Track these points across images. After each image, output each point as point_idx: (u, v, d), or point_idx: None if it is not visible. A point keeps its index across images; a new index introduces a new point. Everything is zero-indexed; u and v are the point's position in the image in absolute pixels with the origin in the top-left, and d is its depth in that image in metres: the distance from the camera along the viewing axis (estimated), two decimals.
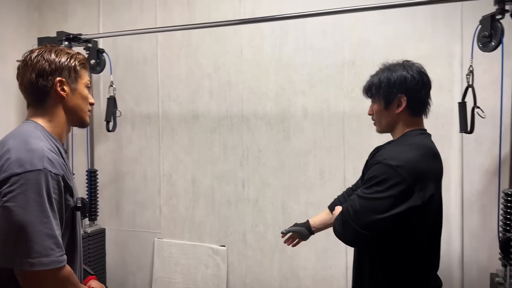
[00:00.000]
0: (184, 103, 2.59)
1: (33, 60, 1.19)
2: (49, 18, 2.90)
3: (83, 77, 1.27)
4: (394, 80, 1.40)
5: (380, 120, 1.47)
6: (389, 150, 1.37)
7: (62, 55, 1.22)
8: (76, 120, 1.28)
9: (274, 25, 2.36)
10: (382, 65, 1.50)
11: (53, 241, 1.03)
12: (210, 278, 2.54)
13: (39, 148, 1.08)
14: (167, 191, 2.66)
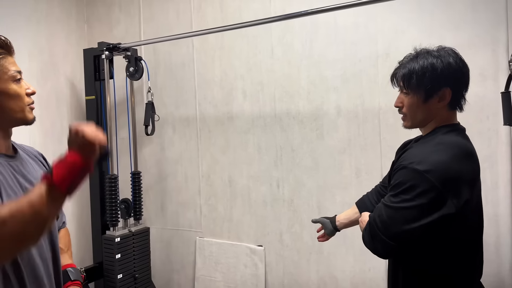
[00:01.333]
0: (219, 105, 2.63)
1: None
2: (97, 30, 3.10)
3: (3, 72, 1.05)
4: (441, 68, 1.22)
5: (415, 115, 1.29)
6: (416, 152, 1.24)
7: None
8: (14, 122, 1.10)
9: (305, 21, 2.32)
10: (413, 50, 1.33)
11: None
12: (248, 277, 2.56)
13: None
14: (206, 191, 2.73)
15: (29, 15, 2.65)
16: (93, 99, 2.67)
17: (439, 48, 1.28)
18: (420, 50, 1.30)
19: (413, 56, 1.30)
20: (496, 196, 1.90)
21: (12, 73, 1.06)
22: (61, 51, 2.89)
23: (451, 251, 1.22)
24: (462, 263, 1.25)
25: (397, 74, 1.33)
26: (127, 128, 2.80)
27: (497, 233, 1.91)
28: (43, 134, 2.67)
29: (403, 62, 1.32)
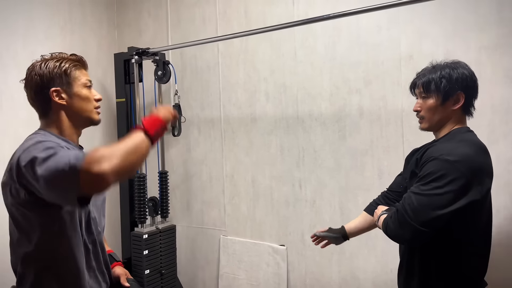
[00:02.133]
0: (243, 106, 2.69)
1: (28, 78, 1.26)
2: (126, 35, 3.23)
3: (78, 79, 1.28)
4: (456, 77, 1.41)
5: (432, 116, 1.46)
6: (443, 146, 1.37)
7: (50, 64, 1.25)
8: (84, 121, 1.32)
9: (327, 24, 2.35)
10: (430, 64, 1.51)
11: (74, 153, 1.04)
12: (271, 276, 2.60)
13: (49, 140, 1.15)
14: (230, 191, 2.80)
15: (63, 25, 2.80)
16: (123, 101, 2.79)
17: (453, 61, 1.47)
18: (437, 63, 1.48)
19: (431, 68, 1.48)
20: None
21: (84, 80, 1.30)
22: (94, 56, 3.03)
23: (470, 238, 1.35)
24: (476, 256, 1.38)
25: (416, 82, 1.50)
26: None
27: None
28: None
29: (422, 73, 1.50)
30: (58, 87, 1.25)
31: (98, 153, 0.98)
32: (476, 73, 1.96)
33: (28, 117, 2.51)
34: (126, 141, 1.09)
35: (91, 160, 0.97)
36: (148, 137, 1.13)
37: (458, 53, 2.00)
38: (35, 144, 1.13)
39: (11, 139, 2.45)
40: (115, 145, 1.06)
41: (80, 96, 1.28)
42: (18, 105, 2.49)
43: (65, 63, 1.27)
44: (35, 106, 1.29)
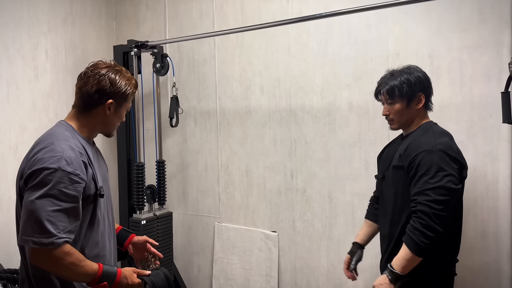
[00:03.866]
0: (238, 99, 2.80)
1: (100, 76, 1.36)
2: (125, 27, 3.30)
3: (128, 103, 1.45)
4: (414, 81, 1.65)
5: (401, 118, 1.70)
6: (424, 140, 1.58)
7: (123, 80, 1.39)
8: (105, 132, 1.48)
9: (320, 22, 2.45)
10: (387, 71, 1.76)
11: (52, 227, 1.21)
12: (263, 260, 2.74)
13: (60, 150, 1.27)
14: (224, 180, 2.92)
15: (65, 17, 2.88)
16: None
17: (408, 66, 1.71)
18: (393, 70, 1.72)
19: (389, 75, 1.71)
20: (496, 190, 2.02)
21: (129, 106, 1.48)
22: (92, 48, 3.11)
23: (450, 224, 1.54)
24: (454, 238, 1.63)
25: (381, 90, 1.72)
26: (152, 119, 3.01)
27: (497, 224, 2.03)
28: None
29: (383, 81, 1.72)
30: (114, 102, 1.39)
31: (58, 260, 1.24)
32: (457, 71, 2.11)
33: (32, 107, 2.62)
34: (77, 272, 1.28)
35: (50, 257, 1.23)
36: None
37: (442, 51, 2.12)
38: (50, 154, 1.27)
39: (16, 127, 2.54)
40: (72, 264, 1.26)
41: (120, 116, 1.45)
42: (23, 95, 2.58)
43: (131, 87, 1.42)
44: (82, 99, 1.38)
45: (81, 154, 1.32)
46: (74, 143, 1.33)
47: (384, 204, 1.77)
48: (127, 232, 1.66)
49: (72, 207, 1.26)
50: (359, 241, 1.96)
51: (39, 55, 2.67)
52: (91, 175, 1.34)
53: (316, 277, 2.59)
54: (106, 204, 1.47)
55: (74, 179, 1.26)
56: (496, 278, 2.04)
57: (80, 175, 1.28)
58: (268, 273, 2.72)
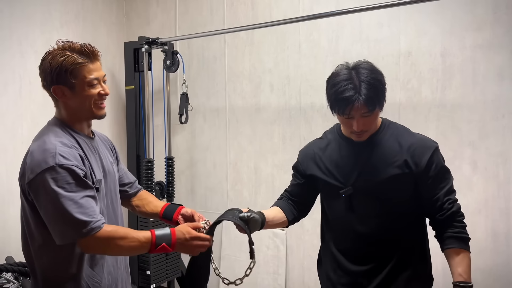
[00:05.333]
0: (248, 97, 2.80)
1: (40, 70, 1.30)
2: (135, 24, 3.32)
3: (81, 77, 1.26)
4: (382, 79, 1.34)
5: (373, 125, 1.38)
6: (420, 137, 1.42)
7: (56, 60, 1.25)
8: (87, 116, 1.34)
9: (331, 20, 2.44)
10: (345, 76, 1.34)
11: (84, 215, 1.20)
12: (270, 258, 2.74)
13: (52, 147, 1.23)
14: (233, 177, 2.92)
15: (77, 12, 2.90)
16: (132, 89, 2.90)
17: (355, 64, 1.37)
18: (347, 73, 1.33)
19: (348, 82, 1.30)
20: (508, 190, 2.00)
21: (89, 79, 1.29)
22: (103, 44, 3.13)
23: None
24: None
25: (353, 104, 1.28)
26: (162, 116, 3.02)
27: (508, 225, 2.01)
28: None
29: (349, 92, 1.29)
30: (60, 85, 1.27)
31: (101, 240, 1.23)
32: (470, 71, 2.09)
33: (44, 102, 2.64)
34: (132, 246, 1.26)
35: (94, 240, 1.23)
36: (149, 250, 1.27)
37: (454, 50, 2.10)
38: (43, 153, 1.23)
39: (29, 123, 2.57)
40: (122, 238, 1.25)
41: (81, 93, 1.29)
42: (35, 90, 2.60)
43: (70, 59, 1.25)
44: (49, 96, 1.34)
45: (75, 147, 1.28)
46: (65, 137, 1.29)
47: (361, 223, 1.42)
48: (175, 206, 1.59)
49: (87, 194, 1.24)
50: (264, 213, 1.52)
51: None
52: (88, 168, 1.30)
53: None
54: (109, 196, 1.42)
55: (75, 170, 1.23)
56: (507, 279, 2.03)
57: (79, 166, 1.25)
58: (276, 270, 2.72)
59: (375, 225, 1.40)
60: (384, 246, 1.41)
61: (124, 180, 1.60)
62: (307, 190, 1.58)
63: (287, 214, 1.58)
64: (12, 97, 2.53)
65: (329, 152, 1.49)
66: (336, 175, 1.44)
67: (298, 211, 1.62)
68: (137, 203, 1.63)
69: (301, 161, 1.59)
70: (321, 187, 1.52)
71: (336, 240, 1.52)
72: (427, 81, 2.18)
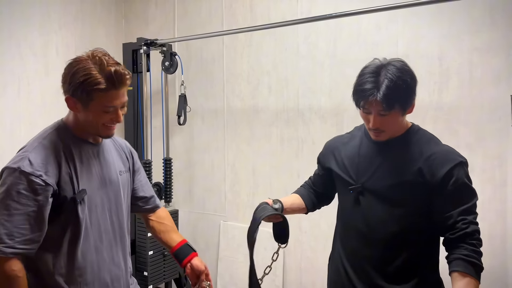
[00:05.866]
0: (246, 98, 2.81)
1: (65, 69, 1.25)
2: (134, 25, 3.32)
3: (98, 102, 1.20)
4: (410, 81, 1.28)
5: (393, 128, 1.34)
6: (445, 149, 1.34)
7: (78, 76, 1.18)
8: (93, 132, 1.29)
9: (329, 22, 2.45)
10: (370, 69, 1.34)
11: (4, 232, 1.13)
12: (268, 260, 2.74)
13: (29, 149, 1.20)
14: (231, 179, 2.93)
15: (75, 14, 2.90)
16: (130, 90, 2.90)
17: (390, 61, 1.33)
18: (375, 66, 1.33)
19: (373, 75, 1.30)
20: (504, 193, 2.01)
21: (104, 106, 1.22)
22: (101, 45, 3.00)
23: None
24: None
25: (368, 98, 1.28)
26: (160, 117, 3.02)
27: (504, 227, 2.02)
28: None
29: (367, 84, 1.29)
30: (75, 98, 1.21)
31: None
32: (467, 74, 2.10)
33: (43, 103, 2.65)
34: None
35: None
36: None
37: (452, 53, 2.12)
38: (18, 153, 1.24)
39: (27, 124, 2.57)
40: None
41: (91, 114, 1.23)
42: (34, 92, 2.61)
43: (93, 81, 1.17)
44: None
45: (57, 152, 1.22)
46: (53, 140, 1.24)
47: (363, 222, 1.40)
48: (190, 249, 1.50)
49: (33, 211, 1.16)
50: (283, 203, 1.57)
51: (49, 52, 2.70)
52: (68, 176, 1.22)
53: (322, 277, 2.57)
54: (106, 207, 1.34)
55: (35, 181, 1.16)
56: (502, 282, 2.04)
57: (42, 176, 1.17)
58: (273, 272, 2.72)
59: (377, 227, 1.37)
60: (385, 250, 1.37)
61: (138, 193, 1.52)
62: (327, 182, 1.60)
63: (306, 201, 1.64)
64: (11, 99, 2.53)
65: (349, 147, 1.49)
66: (350, 171, 1.43)
67: (318, 200, 1.67)
68: (153, 224, 1.55)
69: (323, 153, 1.63)
70: (336, 181, 1.54)
71: (341, 237, 1.53)
72: (424, 84, 2.19)
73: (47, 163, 1.20)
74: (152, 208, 1.56)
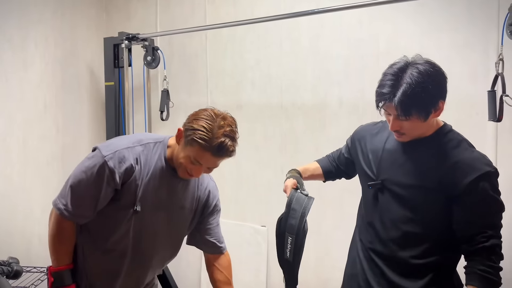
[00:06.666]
0: (229, 94, 2.81)
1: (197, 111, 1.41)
2: (115, 19, 3.27)
3: (192, 150, 1.30)
4: (432, 86, 1.24)
5: (415, 132, 1.31)
6: (471, 157, 1.30)
7: (199, 125, 1.30)
8: (174, 164, 1.41)
9: (312, 18, 2.47)
10: (392, 71, 1.30)
11: (71, 201, 1.34)
12: (252, 255, 2.76)
13: (124, 146, 1.36)
14: (214, 174, 2.91)
15: (55, 7, 2.83)
16: (112, 85, 2.86)
17: (414, 62, 1.29)
18: (397, 69, 1.28)
19: (394, 78, 1.26)
20: None
21: (193, 157, 1.32)
22: (82, 40, 3.07)
23: None
24: None
25: (385, 101, 1.26)
26: (142, 113, 2.99)
27: None
28: (65, 117, 2.88)
29: (386, 88, 1.26)
30: (182, 138, 1.35)
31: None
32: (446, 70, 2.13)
33: (21, 97, 2.58)
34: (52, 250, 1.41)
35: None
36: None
37: (432, 50, 2.15)
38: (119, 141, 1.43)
39: (5, 120, 2.50)
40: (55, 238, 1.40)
41: (181, 155, 1.35)
42: (11, 87, 2.54)
43: (202, 137, 1.28)
44: None
45: (137, 162, 1.36)
46: (145, 153, 1.38)
47: (379, 219, 1.41)
48: None
49: (98, 195, 1.33)
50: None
51: (28, 45, 2.63)
52: (134, 185, 1.36)
53: (305, 271, 2.59)
54: (150, 229, 1.44)
55: (111, 176, 1.32)
56: None
57: (115, 173, 1.32)
58: (257, 267, 2.74)
59: (390, 226, 1.37)
60: (397, 249, 1.36)
61: (211, 236, 1.63)
62: (350, 164, 1.64)
63: (324, 170, 1.72)
64: None
65: (376, 140, 1.47)
66: (372, 165, 1.43)
67: (337, 172, 1.72)
68: (213, 270, 1.66)
69: (353, 139, 1.63)
70: (357, 171, 1.57)
71: (360, 229, 1.56)
72: None
73: (124, 165, 1.33)
74: (214, 252, 1.67)
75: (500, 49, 1.77)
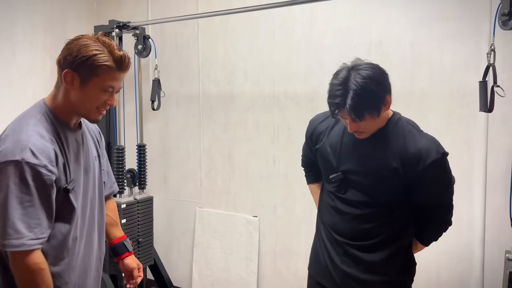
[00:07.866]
0: (222, 84, 2.79)
1: (65, 46, 1.20)
2: (105, 7, 3.22)
3: (101, 79, 1.19)
4: (377, 86, 1.32)
5: (372, 128, 1.41)
6: (423, 142, 1.39)
7: (88, 49, 1.16)
8: (81, 113, 1.26)
9: (305, 7, 2.45)
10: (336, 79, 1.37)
11: (24, 225, 1.11)
12: (243, 245, 2.77)
13: (25, 139, 1.14)
14: (206, 165, 2.91)
15: None
16: None
17: (355, 65, 1.35)
18: (343, 76, 1.34)
19: (342, 87, 1.33)
20: (471, 177, 2.09)
21: (107, 84, 1.20)
22: (72, 27, 3.02)
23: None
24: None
25: (338, 109, 1.34)
26: (133, 102, 2.96)
27: (470, 209, 2.10)
28: None
29: (336, 98, 1.34)
30: (76, 73, 1.17)
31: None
32: (438, 60, 2.15)
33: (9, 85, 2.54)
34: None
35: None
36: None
37: (423, 40, 2.16)
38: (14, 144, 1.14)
39: None
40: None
41: (89, 93, 1.20)
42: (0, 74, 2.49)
43: (104, 57, 1.17)
44: (57, 70, 1.23)
45: (52, 141, 1.19)
46: (46, 128, 1.20)
47: (342, 203, 1.50)
48: (125, 248, 1.53)
49: (44, 201, 1.15)
50: None
51: (16, 33, 2.58)
52: (62, 166, 1.21)
53: (296, 261, 2.63)
54: (89, 196, 1.33)
55: (41, 172, 1.14)
56: (467, 261, 2.13)
57: (47, 166, 1.15)
58: (249, 257, 2.75)
59: (354, 208, 1.48)
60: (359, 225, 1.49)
61: (103, 178, 1.48)
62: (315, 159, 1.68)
63: (319, 181, 1.77)
64: None
65: (333, 134, 1.54)
66: (332, 158, 1.51)
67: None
68: None
69: (311, 132, 1.68)
70: (319, 162, 1.62)
71: (321, 214, 1.63)
72: (397, 70, 2.22)
73: (48, 152, 1.17)
74: (107, 195, 1.52)
75: (492, 40, 1.77)
